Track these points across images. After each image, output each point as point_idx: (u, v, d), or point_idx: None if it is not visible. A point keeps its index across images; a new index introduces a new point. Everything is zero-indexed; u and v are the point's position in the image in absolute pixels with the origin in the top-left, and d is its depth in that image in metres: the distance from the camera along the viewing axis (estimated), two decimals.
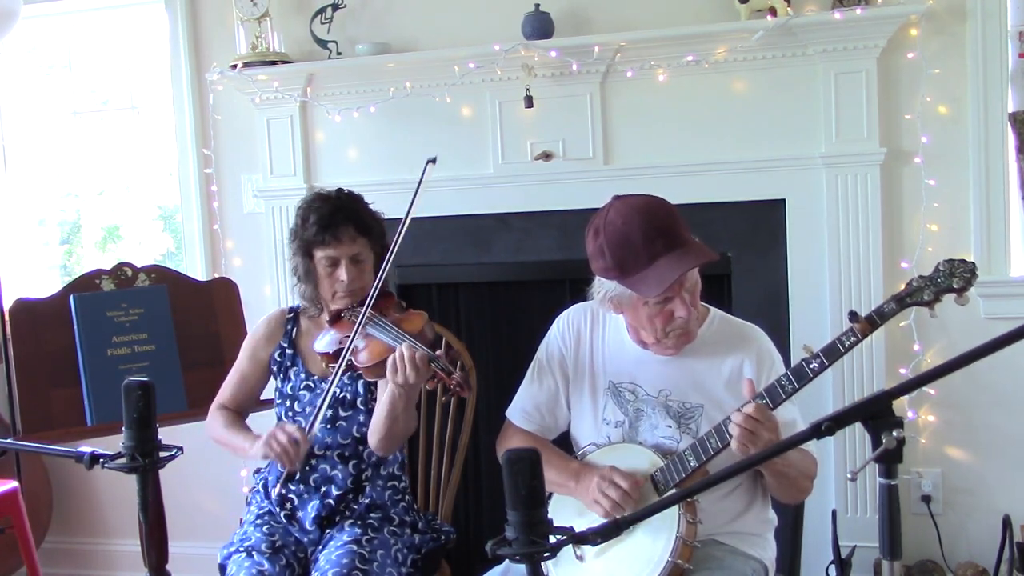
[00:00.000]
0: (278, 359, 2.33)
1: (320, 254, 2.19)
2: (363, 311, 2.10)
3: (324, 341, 2.16)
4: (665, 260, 1.83)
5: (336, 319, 2.19)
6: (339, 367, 2.07)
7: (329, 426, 2.24)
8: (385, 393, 2.09)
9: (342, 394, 2.25)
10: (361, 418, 2.23)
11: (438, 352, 1.97)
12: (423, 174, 2.16)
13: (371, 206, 2.29)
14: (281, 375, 2.32)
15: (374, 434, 2.15)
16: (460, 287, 3.22)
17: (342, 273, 2.18)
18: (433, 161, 2.18)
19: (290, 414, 2.28)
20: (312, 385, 2.28)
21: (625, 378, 2.03)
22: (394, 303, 2.22)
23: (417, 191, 2.15)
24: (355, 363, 2.08)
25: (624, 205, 1.89)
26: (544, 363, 2.13)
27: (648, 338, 1.97)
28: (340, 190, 2.28)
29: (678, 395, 1.98)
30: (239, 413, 2.37)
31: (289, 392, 2.29)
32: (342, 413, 2.25)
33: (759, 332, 2.04)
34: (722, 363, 1.98)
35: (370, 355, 2.05)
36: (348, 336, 2.09)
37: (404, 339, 2.01)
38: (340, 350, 2.09)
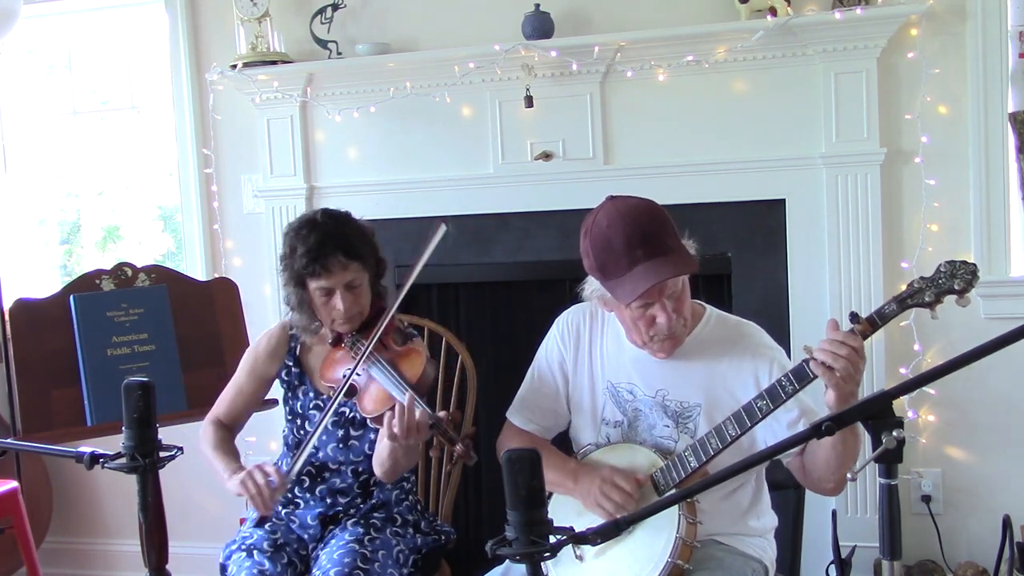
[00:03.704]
0: (286, 378, 2.30)
1: (314, 285, 2.14)
2: (365, 349, 2.08)
3: (331, 372, 2.17)
4: (642, 268, 1.83)
5: (337, 343, 2.19)
6: (330, 406, 2.08)
7: (341, 445, 2.23)
8: (384, 441, 2.05)
9: (351, 414, 2.22)
10: (372, 436, 2.20)
11: (441, 414, 1.94)
12: (434, 240, 2.11)
13: (360, 221, 2.21)
14: (290, 394, 2.30)
15: (377, 467, 2.15)
16: (460, 287, 3.21)
17: (338, 302, 2.13)
18: (445, 224, 2.13)
19: (301, 432, 2.26)
20: (321, 404, 2.24)
21: (623, 378, 2.03)
22: (394, 329, 2.20)
23: (426, 254, 2.12)
24: (360, 411, 2.08)
25: (613, 208, 1.89)
26: (544, 364, 2.13)
27: (636, 340, 1.97)
28: (325, 212, 2.20)
29: (675, 394, 1.98)
30: (231, 428, 2.34)
31: (299, 411, 2.27)
32: (353, 433, 2.23)
33: (755, 328, 2.04)
34: (719, 362, 1.97)
35: (375, 404, 2.04)
36: (349, 369, 2.09)
37: (406, 390, 1.99)
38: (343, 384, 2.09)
